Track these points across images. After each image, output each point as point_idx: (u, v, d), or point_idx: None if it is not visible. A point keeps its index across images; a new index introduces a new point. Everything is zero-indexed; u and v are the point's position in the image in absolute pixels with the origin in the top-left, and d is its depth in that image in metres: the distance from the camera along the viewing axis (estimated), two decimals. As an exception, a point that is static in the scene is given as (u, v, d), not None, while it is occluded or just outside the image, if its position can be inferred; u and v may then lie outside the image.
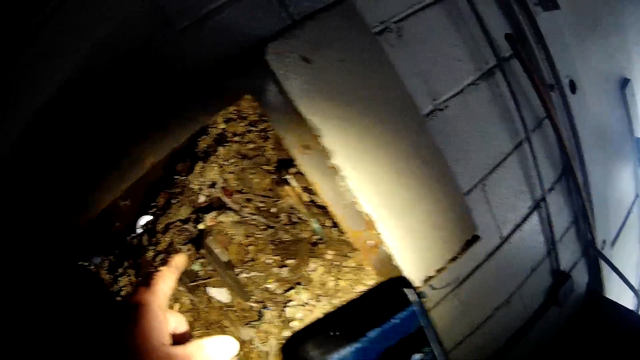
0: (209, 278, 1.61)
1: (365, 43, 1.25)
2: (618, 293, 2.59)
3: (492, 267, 1.92)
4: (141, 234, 2.00)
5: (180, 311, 1.54)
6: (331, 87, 1.17)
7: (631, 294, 2.64)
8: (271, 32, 1.19)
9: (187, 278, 1.63)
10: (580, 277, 2.38)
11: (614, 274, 2.45)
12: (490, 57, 1.99)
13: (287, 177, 1.43)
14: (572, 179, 2.14)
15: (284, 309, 1.40)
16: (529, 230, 2.00)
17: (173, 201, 1.74)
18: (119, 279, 1.78)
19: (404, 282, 0.43)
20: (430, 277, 1.36)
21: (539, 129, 2.09)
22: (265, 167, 1.62)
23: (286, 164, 1.57)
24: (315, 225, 1.42)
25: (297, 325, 1.34)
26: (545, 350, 2.34)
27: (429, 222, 1.32)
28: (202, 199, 1.66)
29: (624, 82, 2.91)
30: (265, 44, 1.14)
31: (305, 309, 1.36)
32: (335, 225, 1.48)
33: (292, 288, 1.44)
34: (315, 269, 1.41)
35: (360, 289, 1.32)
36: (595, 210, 2.30)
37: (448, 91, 1.80)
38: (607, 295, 2.51)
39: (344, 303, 1.37)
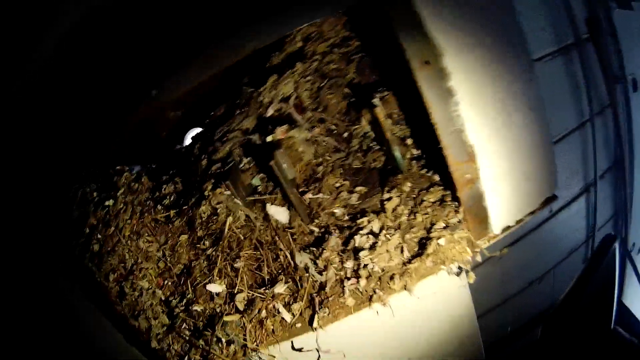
0: (268, 194, 1.61)
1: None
2: (632, 298, 2.73)
3: (536, 239, 1.99)
4: (191, 145, 1.98)
5: (233, 226, 1.50)
6: (460, 11, 1.19)
7: (644, 302, 2.79)
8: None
9: (244, 191, 1.62)
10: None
11: (634, 279, 2.59)
12: (570, 35, 2.06)
13: (374, 100, 1.44)
14: (620, 172, 2.25)
15: (352, 237, 1.37)
16: (576, 212, 2.09)
17: (237, 111, 1.72)
18: (163, 186, 1.75)
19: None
20: (509, 227, 1.41)
21: (601, 115, 2.17)
22: (345, 90, 1.63)
23: (371, 88, 1.59)
24: (397, 154, 1.43)
25: (365, 255, 1.31)
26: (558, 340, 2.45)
27: (522, 170, 1.35)
28: (270, 112, 1.66)
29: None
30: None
31: (376, 240, 1.34)
32: (415, 157, 1.51)
33: (362, 216, 1.42)
34: (389, 199, 1.42)
35: (441, 225, 1.34)
36: (633, 211, 2.42)
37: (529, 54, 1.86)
38: (623, 299, 2.64)
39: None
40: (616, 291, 2.34)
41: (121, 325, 1.47)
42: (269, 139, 1.58)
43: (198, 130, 1.92)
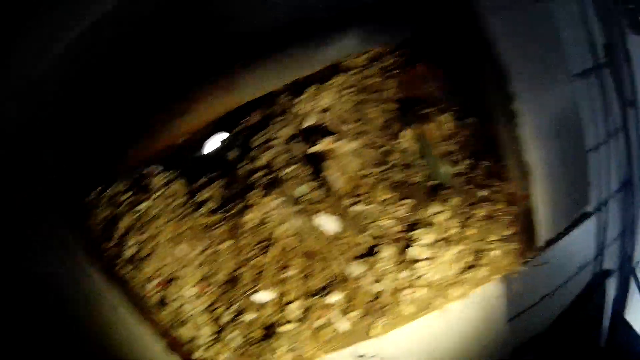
0: (317, 203, 1.80)
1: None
2: (635, 316, 3.14)
3: (549, 256, 2.32)
4: (224, 151, 2.13)
5: (283, 236, 1.69)
6: (524, 33, 1.45)
7: (645, 319, 3.21)
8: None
9: (291, 201, 1.80)
10: (610, 290, 2.88)
11: (638, 297, 2.99)
12: (589, 60, 2.41)
13: (422, 115, 1.66)
14: (630, 192, 2.62)
15: (406, 248, 1.58)
16: (587, 230, 2.43)
17: (272, 120, 1.91)
18: (200, 191, 1.88)
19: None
20: (552, 240, 1.70)
21: (614, 138, 2.54)
22: (385, 104, 1.85)
23: (414, 103, 1.82)
24: (444, 169, 1.67)
25: (423, 266, 1.51)
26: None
27: (565, 185, 1.65)
28: (309, 122, 1.86)
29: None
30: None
31: (432, 251, 1.56)
32: (459, 173, 1.76)
33: (414, 228, 1.64)
34: (438, 213, 1.65)
35: (493, 238, 1.59)
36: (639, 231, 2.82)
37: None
38: (626, 316, 3.04)
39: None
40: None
41: (162, 335, 1.61)
42: (313, 149, 1.79)
43: (224, 135, 2.07)
